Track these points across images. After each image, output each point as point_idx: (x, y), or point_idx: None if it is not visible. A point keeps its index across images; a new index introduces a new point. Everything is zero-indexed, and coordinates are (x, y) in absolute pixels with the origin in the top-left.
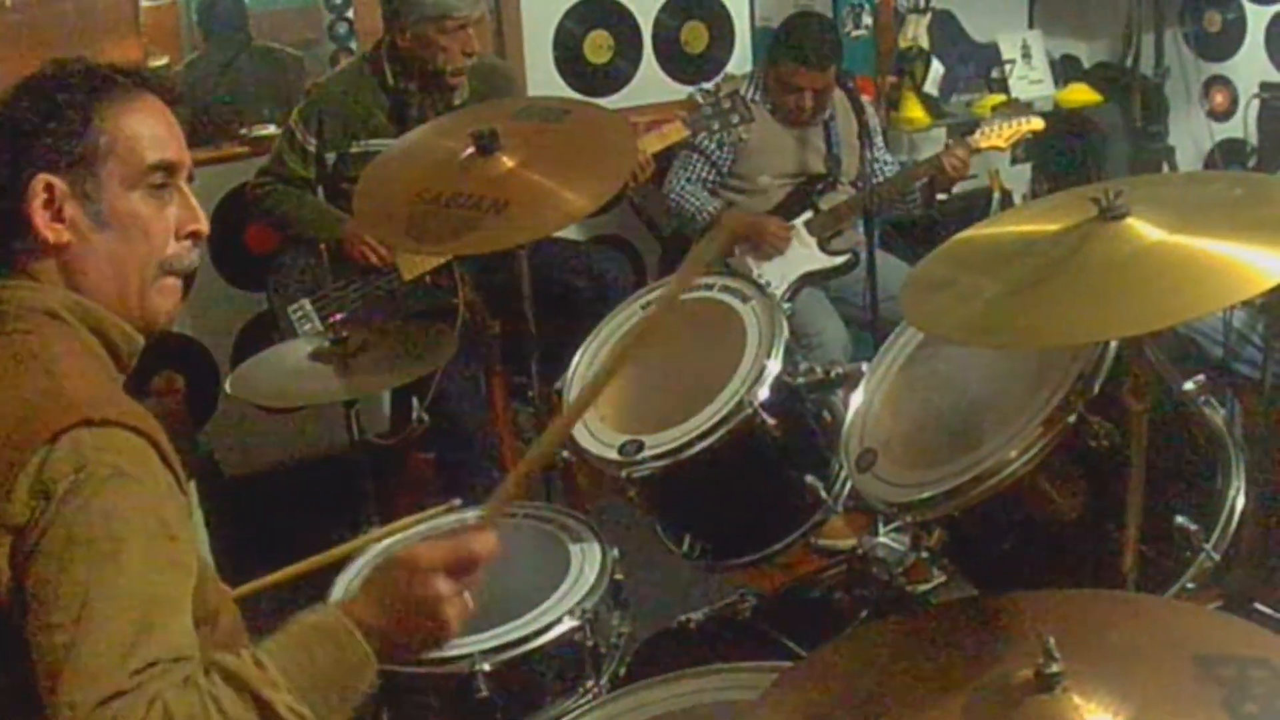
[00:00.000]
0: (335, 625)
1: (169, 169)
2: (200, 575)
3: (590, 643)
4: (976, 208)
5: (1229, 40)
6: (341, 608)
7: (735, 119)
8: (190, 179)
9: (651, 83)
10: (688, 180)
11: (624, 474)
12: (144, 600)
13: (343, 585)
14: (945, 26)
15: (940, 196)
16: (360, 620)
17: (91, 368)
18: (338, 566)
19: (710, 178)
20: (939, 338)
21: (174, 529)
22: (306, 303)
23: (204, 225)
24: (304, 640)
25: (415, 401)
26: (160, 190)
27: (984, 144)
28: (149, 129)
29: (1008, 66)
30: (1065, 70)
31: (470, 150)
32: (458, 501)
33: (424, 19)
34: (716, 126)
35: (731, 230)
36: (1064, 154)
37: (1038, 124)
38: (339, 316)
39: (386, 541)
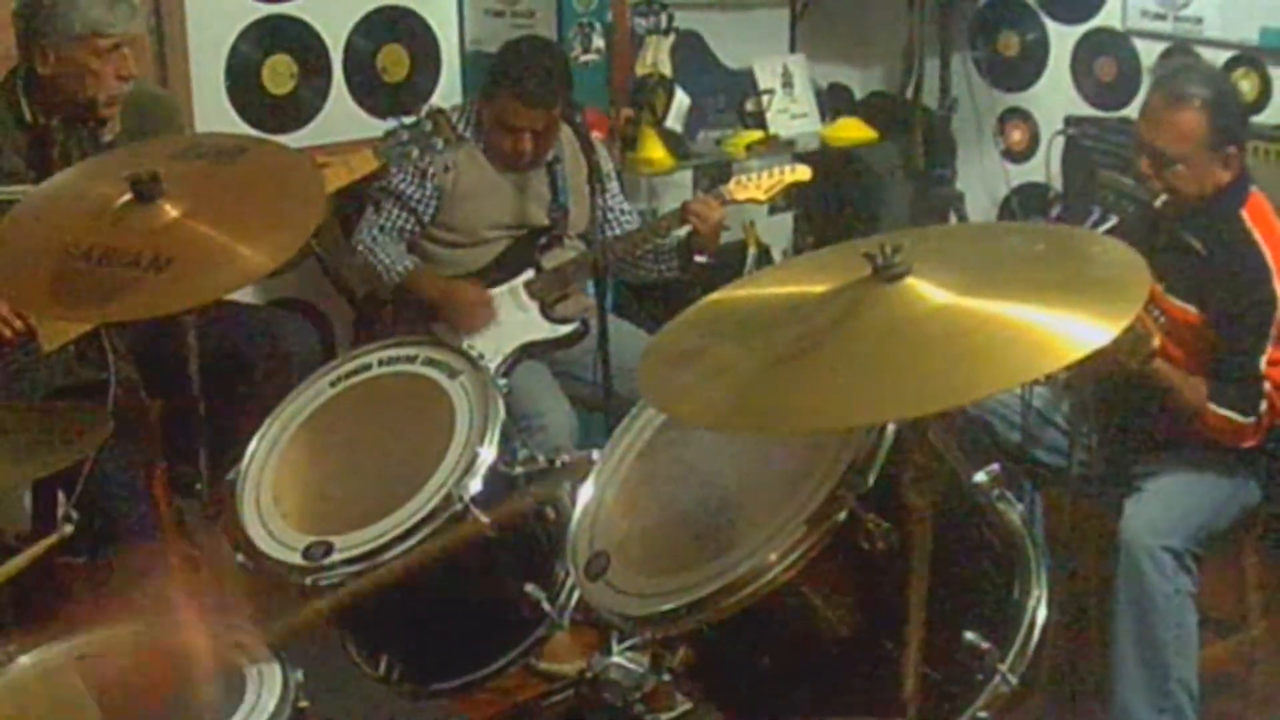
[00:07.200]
0: None
1: None
2: None
3: None
4: (728, 265)
5: (1028, 67)
6: None
7: (439, 143)
8: None
9: (343, 117)
10: (380, 230)
11: (309, 582)
12: None
13: None
14: (691, 50)
15: (699, 259)
16: None
17: None
18: None
19: (409, 227)
20: (682, 422)
21: None
22: None
23: None
24: None
25: (61, 496)
26: None
27: (739, 196)
28: None
29: (765, 98)
30: (834, 102)
31: (126, 197)
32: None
33: (70, 38)
34: (416, 153)
35: None
36: (832, 201)
37: (804, 173)
38: None
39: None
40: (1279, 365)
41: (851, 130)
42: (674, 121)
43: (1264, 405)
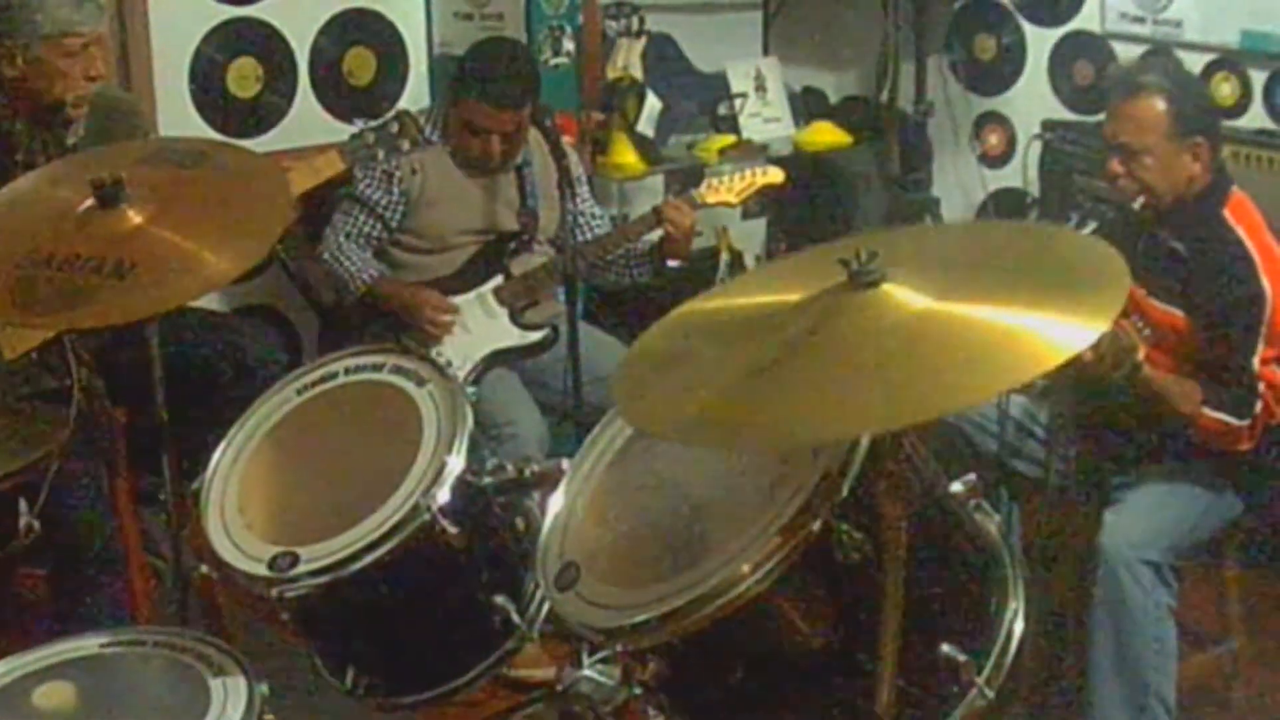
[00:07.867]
0: None
1: None
2: None
3: None
4: (700, 270)
5: (1005, 70)
6: None
7: (405, 145)
8: None
9: (309, 121)
10: (346, 236)
11: (275, 593)
12: None
13: None
14: (663, 53)
15: (672, 264)
16: None
17: None
18: None
19: (376, 233)
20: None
21: None
22: None
23: None
24: None
25: (23, 505)
26: None
27: (711, 199)
28: None
29: (738, 101)
30: (808, 106)
31: (89, 202)
32: None
33: (38, 39)
34: (382, 155)
35: None
36: (806, 207)
37: (776, 176)
38: None
39: None
40: (1271, 364)
41: (825, 134)
42: (645, 125)
43: (1258, 406)
